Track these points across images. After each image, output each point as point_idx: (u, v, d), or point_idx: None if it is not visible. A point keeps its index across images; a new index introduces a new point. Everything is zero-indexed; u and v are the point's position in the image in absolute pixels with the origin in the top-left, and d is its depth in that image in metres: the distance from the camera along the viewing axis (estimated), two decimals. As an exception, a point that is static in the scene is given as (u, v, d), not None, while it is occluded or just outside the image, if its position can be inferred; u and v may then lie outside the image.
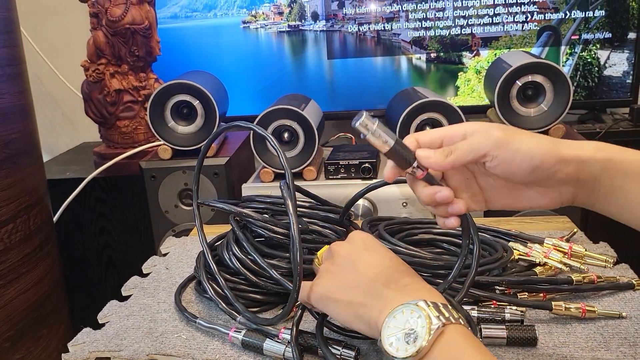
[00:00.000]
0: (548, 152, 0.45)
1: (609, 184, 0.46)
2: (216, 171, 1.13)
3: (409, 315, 0.41)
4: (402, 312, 0.41)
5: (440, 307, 0.41)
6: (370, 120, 0.46)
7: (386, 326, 0.42)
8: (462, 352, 0.39)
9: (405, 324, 0.41)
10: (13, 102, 1.02)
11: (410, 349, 0.39)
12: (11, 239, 0.99)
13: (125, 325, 0.65)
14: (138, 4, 1.27)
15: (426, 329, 0.39)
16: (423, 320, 0.40)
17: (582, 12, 1.38)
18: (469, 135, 0.46)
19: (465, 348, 0.39)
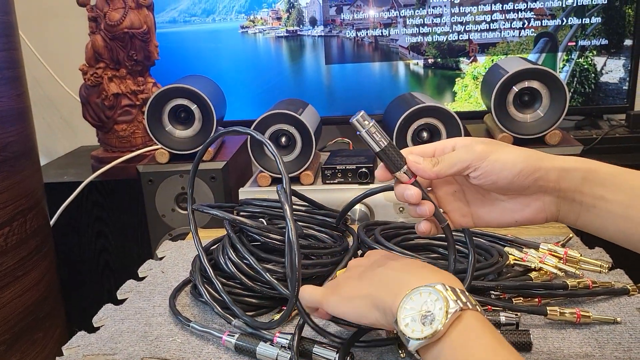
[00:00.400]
0: (528, 160, 0.47)
1: (590, 193, 0.46)
2: (213, 175, 1.13)
3: (426, 297, 0.40)
4: (419, 293, 0.41)
5: (458, 292, 0.41)
6: (367, 119, 0.48)
7: (402, 307, 0.41)
8: (479, 338, 0.38)
9: (422, 305, 0.40)
10: (11, 105, 1.03)
11: (427, 330, 0.39)
12: (7, 242, 0.99)
13: (120, 329, 0.65)
14: (137, 8, 1.28)
15: (443, 312, 0.39)
16: (441, 303, 0.39)
17: (579, 19, 1.39)
18: (458, 148, 0.49)
19: (483, 334, 0.39)
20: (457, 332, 0.39)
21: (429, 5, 1.41)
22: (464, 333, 0.39)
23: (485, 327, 0.39)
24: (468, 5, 1.40)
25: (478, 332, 0.39)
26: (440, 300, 0.40)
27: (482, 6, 1.40)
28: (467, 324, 0.39)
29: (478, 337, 0.39)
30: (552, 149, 1.09)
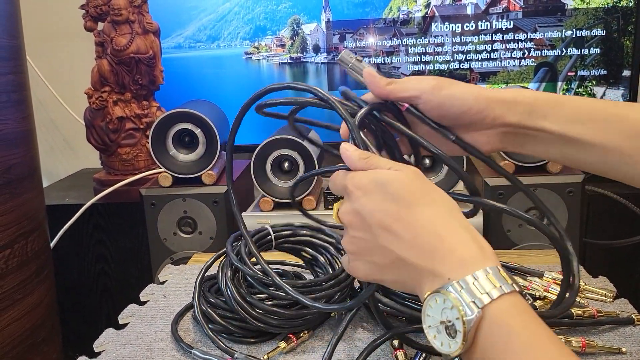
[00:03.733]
0: (478, 97, 0.48)
1: (533, 125, 0.48)
2: (216, 199, 1.13)
3: (442, 304, 0.38)
4: (435, 300, 0.39)
5: (475, 285, 0.37)
6: (350, 55, 0.53)
7: (425, 315, 0.39)
8: (509, 336, 0.35)
9: (441, 313, 0.38)
10: (16, 127, 1.03)
11: (454, 344, 0.37)
12: (8, 265, 0.99)
13: (121, 354, 0.64)
14: (143, 34, 1.30)
15: (460, 323, 0.36)
16: (456, 312, 0.37)
17: (578, 49, 1.41)
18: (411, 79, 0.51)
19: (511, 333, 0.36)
20: (484, 339, 0.36)
21: (430, 34, 1.44)
22: (491, 339, 0.36)
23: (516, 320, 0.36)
24: (469, 35, 1.43)
25: (506, 333, 0.36)
26: (455, 309, 0.37)
27: (482, 36, 1.42)
28: (492, 328, 0.36)
29: (507, 341, 0.35)
30: (555, 177, 1.10)
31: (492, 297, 0.36)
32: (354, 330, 0.67)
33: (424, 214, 0.42)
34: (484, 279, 0.37)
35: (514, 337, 0.35)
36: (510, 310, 0.37)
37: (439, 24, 1.43)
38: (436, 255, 0.40)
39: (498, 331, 0.36)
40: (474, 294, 0.37)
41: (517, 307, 0.37)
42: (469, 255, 0.39)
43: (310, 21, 1.47)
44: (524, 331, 0.36)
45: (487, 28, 1.42)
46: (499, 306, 0.37)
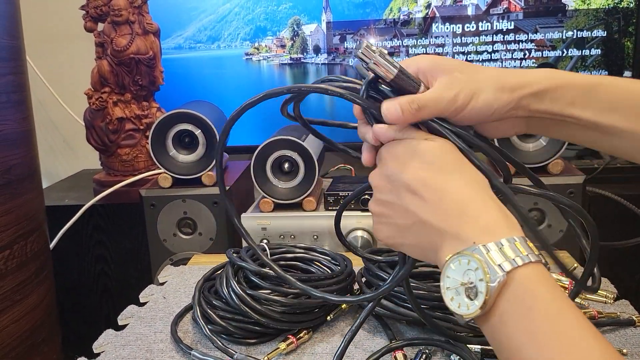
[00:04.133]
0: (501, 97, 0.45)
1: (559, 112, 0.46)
2: (216, 200, 1.13)
3: (466, 266, 0.37)
4: (458, 261, 0.38)
5: (505, 247, 0.37)
6: (372, 48, 0.45)
7: (445, 277, 0.39)
8: (531, 307, 0.35)
9: (463, 275, 0.38)
10: (15, 128, 1.03)
11: (472, 306, 0.37)
12: (7, 266, 0.98)
13: (120, 355, 0.64)
14: (143, 34, 1.30)
15: (484, 285, 0.36)
16: (481, 274, 0.36)
17: (579, 50, 1.41)
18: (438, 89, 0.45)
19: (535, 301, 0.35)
20: (506, 303, 0.36)
21: (431, 35, 1.44)
22: (514, 303, 0.36)
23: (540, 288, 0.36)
24: (470, 35, 1.42)
25: (530, 298, 0.35)
26: (480, 270, 0.36)
27: (483, 36, 1.42)
28: (516, 292, 0.36)
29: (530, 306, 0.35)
30: (555, 178, 1.09)
31: (518, 263, 0.36)
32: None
33: (453, 182, 0.41)
34: (510, 246, 0.37)
35: (538, 304, 0.35)
36: (536, 279, 0.36)
37: (439, 24, 1.43)
38: (461, 219, 0.40)
39: (522, 297, 0.36)
40: (500, 258, 0.36)
41: (542, 277, 0.37)
42: (495, 222, 0.39)
43: (310, 22, 1.47)
44: (548, 300, 0.35)
45: (488, 29, 1.42)
46: (524, 273, 0.36)
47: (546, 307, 0.35)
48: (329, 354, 0.62)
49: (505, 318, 0.36)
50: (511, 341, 0.36)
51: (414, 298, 0.55)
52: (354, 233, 1.11)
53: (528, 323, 0.35)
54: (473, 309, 0.37)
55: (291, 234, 1.12)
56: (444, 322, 0.61)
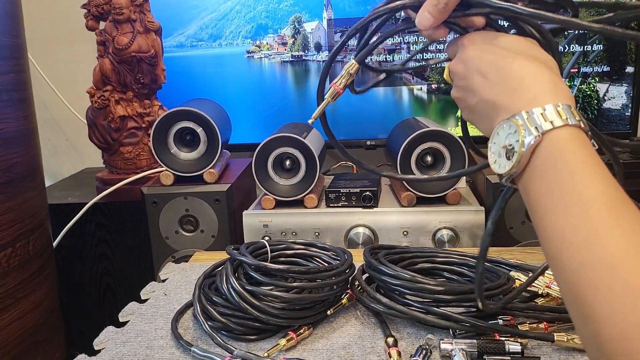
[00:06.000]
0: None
1: None
2: (218, 197, 1.13)
3: (507, 130, 0.41)
4: (502, 127, 0.42)
5: (545, 112, 0.39)
6: None
7: (491, 144, 0.43)
8: (564, 161, 0.37)
9: (505, 139, 0.41)
10: (18, 126, 1.03)
11: (508, 164, 0.40)
12: (9, 264, 0.99)
13: (121, 352, 0.64)
14: (145, 33, 1.30)
15: (519, 144, 0.39)
16: (517, 136, 0.40)
17: (581, 46, 1.40)
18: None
19: (565, 161, 0.37)
20: (537, 160, 0.39)
21: (432, 31, 1.43)
22: (544, 160, 0.38)
23: (573, 149, 0.38)
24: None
25: (561, 157, 0.38)
26: (517, 132, 0.40)
27: (485, 33, 1.42)
28: (548, 150, 0.38)
29: (562, 163, 0.37)
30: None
31: (555, 125, 0.38)
32: (352, 327, 0.67)
33: (518, 61, 0.43)
34: (552, 111, 0.39)
35: (568, 164, 0.37)
36: (571, 140, 0.38)
37: (441, 21, 1.43)
38: (515, 93, 0.42)
39: (554, 155, 0.38)
40: (539, 121, 0.39)
41: (578, 140, 0.38)
42: (544, 92, 0.41)
43: (311, 19, 1.47)
44: (578, 161, 0.37)
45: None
46: (560, 134, 0.38)
47: (575, 169, 0.37)
48: (329, 350, 0.62)
49: (536, 173, 0.39)
50: (540, 199, 0.38)
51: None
52: (355, 229, 1.11)
53: (556, 180, 0.37)
54: (508, 167, 0.40)
55: (293, 231, 1.12)
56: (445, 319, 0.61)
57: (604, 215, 0.34)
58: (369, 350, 0.62)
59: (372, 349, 0.62)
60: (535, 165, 0.39)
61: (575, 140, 0.38)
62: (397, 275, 0.64)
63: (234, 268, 0.70)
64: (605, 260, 0.33)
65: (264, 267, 0.67)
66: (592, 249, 0.33)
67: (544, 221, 0.37)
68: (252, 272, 0.68)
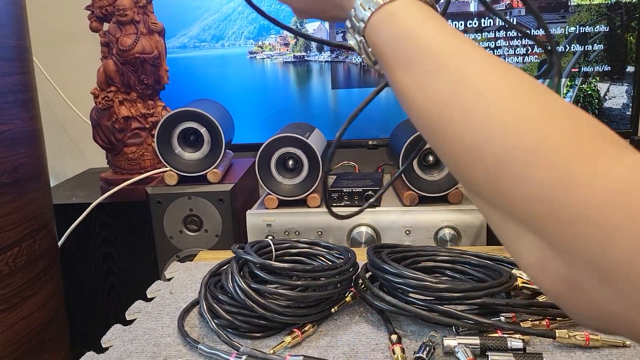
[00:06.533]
0: None
1: None
2: (221, 197, 1.14)
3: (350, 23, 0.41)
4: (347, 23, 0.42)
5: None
6: None
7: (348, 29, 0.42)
8: (410, 20, 0.37)
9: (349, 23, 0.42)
10: (23, 127, 1.04)
11: (357, 36, 0.40)
12: (16, 263, 1.00)
13: (128, 349, 0.65)
14: (148, 34, 1.31)
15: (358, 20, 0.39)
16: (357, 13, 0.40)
17: (582, 45, 1.41)
18: None
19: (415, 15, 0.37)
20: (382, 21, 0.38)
21: (433, 32, 1.44)
22: (389, 20, 0.38)
23: (417, 10, 0.37)
24: (472, 32, 1.43)
25: (407, 15, 0.37)
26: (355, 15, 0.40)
27: (486, 33, 1.43)
28: (391, 12, 0.38)
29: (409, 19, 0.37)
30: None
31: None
32: (356, 324, 0.68)
33: None
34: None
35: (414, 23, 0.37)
36: (415, 5, 0.38)
37: (442, 21, 1.43)
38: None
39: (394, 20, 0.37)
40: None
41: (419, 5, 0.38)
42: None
43: (313, 20, 1.48)
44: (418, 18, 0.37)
45: (490, 25, 1.42)
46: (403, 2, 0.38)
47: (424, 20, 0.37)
48: (334, 347, 0.63)
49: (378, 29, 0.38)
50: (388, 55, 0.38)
51: None
52: (358, 229, 1.12)
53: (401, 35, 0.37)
54: (358, 38, 0.40)
55: (296, 230, 1.13)
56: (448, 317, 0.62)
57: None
58: (373, 347, 0.62)
59: (377, 346, 0.63)
60: (375, 24, 0.38)
61: (418, 4, 0.38)
62: (401, 273, 0.65)
63: (240, 266, 0.70)
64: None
65: (269, 265, 0.68)
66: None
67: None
68: (258, 270, 0.69)
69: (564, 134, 0.29)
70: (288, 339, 0.63)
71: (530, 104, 0.31)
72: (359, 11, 0.39)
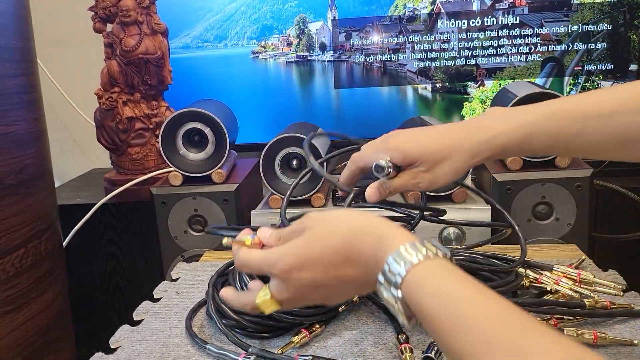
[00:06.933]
0: (460, 167, 0.55)
1: (530, 151, 0.56)
2: (226, 197, 1.14)
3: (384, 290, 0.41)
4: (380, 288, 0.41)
5: (401, 252, 0.40)
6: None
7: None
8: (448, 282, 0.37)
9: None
10: (28, 128, 1.05)
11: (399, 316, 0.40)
12: (22, 264, 1.00)
13: (137, 350, 0.65)
14: (151, 34, 1.31)
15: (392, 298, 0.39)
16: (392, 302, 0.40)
17: (585, 44, 1.41)
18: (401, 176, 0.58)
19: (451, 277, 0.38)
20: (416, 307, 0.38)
21: (436, 31, 1.44)
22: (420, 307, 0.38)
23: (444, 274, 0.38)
24: (475, 31, 1.43)
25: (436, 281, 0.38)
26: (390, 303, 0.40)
27: (489, 32, 1.43)
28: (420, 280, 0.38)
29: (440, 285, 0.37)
30: (563, 172, 1.10)
31: (418, 259, 0.39)
32: (363, 324, 0.68)
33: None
34: (406, 250, 0.40)
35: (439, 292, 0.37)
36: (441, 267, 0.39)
37: (445, 20, 1.44)
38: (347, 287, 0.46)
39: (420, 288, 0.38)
40: (403, 256, 0.40)
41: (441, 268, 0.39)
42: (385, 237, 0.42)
43: (316, 19, 1.48)
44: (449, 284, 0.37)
45: (493, 24, 1.42)
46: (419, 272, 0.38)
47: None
48: (341, 347, 0.63)
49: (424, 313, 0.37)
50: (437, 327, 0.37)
51: None
52: (362, 228, 1.12)
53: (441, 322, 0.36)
54: (388, 296, 0.40)
55: (300, 230, 1.13)
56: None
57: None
58: (381, 346, 0.63)
59: (385, 346, 0.63)
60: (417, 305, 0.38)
61: (442, 266, 0.39)
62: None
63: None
64: None
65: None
66: None
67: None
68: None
69: None
70: (296, 339, 0.63)
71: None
72: (393, 266, 0.39)
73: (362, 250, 0.43)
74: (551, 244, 1.00)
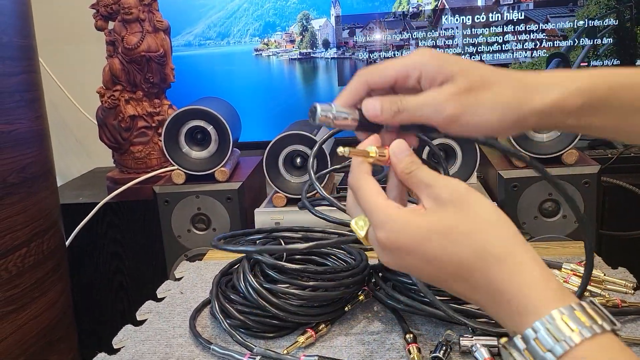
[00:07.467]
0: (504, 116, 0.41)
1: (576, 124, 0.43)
2: (229, 196, 1.13)
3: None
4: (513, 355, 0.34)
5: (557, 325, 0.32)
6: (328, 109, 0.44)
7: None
8: None
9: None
10: (30, 127, 1.04)
11: None
12: (24, 263, 0.99)
13: (141, 350, 0.64)
14: (154, 32, 1.30)
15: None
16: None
17: (590, 39, 1.39)
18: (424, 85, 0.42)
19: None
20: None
21: (441, 27, 1.43)
22: None
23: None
24: (480, 27, 1.42)
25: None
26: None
27: (494, 27, 1.41)
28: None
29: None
30: (570, 168, 1.09)
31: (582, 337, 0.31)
32: (370, 324, 0.67)
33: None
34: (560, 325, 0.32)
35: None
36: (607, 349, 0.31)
37: (449, 16, 1.42)
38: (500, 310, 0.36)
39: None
40: (559, 331, 0.32)
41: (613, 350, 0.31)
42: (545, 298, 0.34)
43: (319, 16, 1.47)
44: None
45: (498, 19, 1.41)
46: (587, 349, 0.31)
47: None
48: (348, 347, 0.62)
49: None
50: None
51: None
52: (367, 227, 1.11)
53: None
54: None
55: (305, 229, 1.12)
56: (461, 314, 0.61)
57: None
58: (388, 346, 0.62)
59: (392, 346, 0.62)
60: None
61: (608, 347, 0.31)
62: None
63: (251, 266, 0.70)
64: None
65: (280, 266, 0.67)
66: None
67: None
68: (269, 270, 0.68)
69: None
70: (302, 339, 0.62)
71: None
72: (544, 340, 0.32)
73: (493, 283, 0.35)
74: (559, 241, 0.99)
